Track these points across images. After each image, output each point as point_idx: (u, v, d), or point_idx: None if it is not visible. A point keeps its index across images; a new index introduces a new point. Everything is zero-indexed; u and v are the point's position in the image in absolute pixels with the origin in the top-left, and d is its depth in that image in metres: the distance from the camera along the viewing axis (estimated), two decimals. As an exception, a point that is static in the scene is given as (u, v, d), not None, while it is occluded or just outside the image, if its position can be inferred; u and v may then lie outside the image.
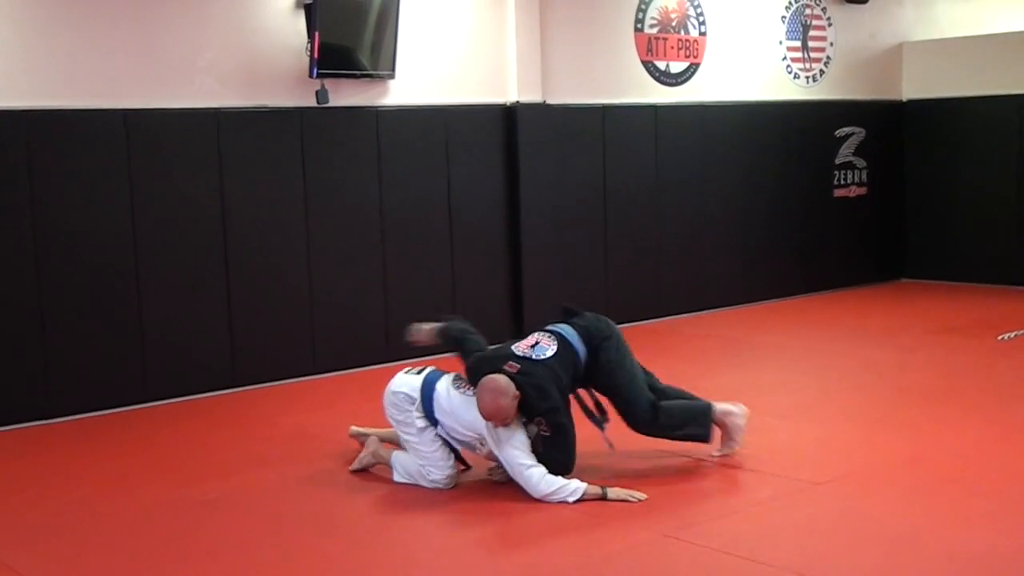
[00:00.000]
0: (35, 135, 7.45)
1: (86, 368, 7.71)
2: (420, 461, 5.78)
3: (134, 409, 7.83)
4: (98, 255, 7.73)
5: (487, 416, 5.46)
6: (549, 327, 5.90)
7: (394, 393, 5.84)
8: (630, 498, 5.47)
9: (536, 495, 5.47)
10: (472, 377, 5.69)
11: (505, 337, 6.81)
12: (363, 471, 6.06)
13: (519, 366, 5.60)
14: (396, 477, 5.88)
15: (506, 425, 5.49)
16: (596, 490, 5.49)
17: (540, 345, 5.74)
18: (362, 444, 6.20)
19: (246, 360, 8.39)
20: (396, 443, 6.08)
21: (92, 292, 7.71)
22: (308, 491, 5.84)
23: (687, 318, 10.97)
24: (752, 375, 8.42)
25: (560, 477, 5.51)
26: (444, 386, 5.75)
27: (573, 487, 5.46)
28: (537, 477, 5.46)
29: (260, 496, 5.78)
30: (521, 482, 5.51)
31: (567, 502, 5.42)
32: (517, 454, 5.50)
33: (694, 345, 9.74)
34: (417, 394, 5.76)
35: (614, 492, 5.50)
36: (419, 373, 5.88)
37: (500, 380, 5.47)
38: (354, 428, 6.40)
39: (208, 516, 5.51)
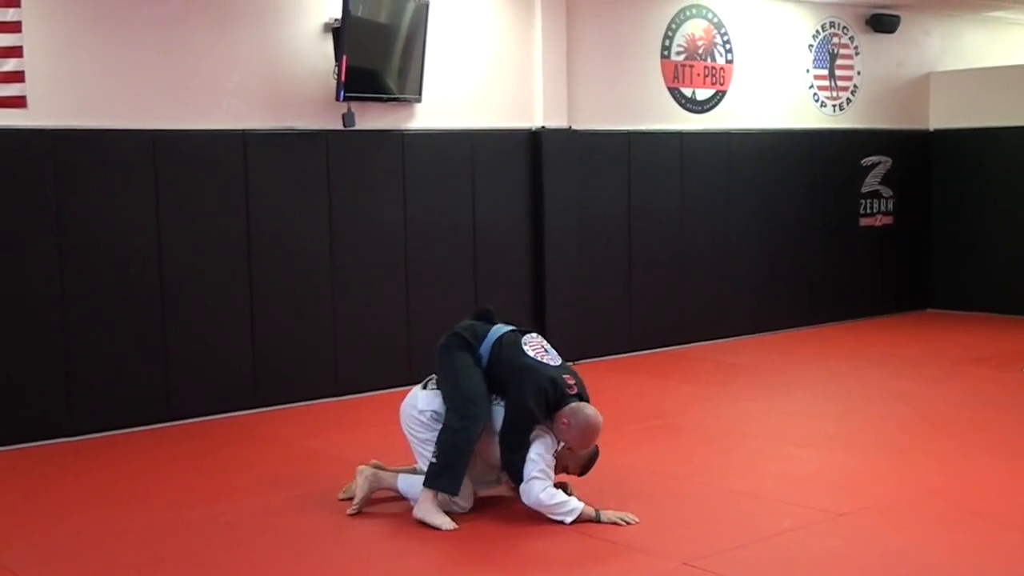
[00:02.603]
0: (64, 154, 7.51)
1: (109, 386, 7.74)
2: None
3: (156, 428, 7.85)
4: (124, 274, 7.77)
5: (582, 446, 5.55)
6: (523, 333, 5.97)
7: (421, 412, 5.73)
8: (621, 521, 5.48)
9: (530, 501, 5.48)
10: (527, 391, 5.54)
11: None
12: (363, 506, 5.77)
13: (573, 382, 5.69)
14: (412, 501, 5.70)
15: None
16: (590, 512, 5.50)
17: (550, 354, 5.84)
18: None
19: (268, 381, 8.41)
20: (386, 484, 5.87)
21: (116, 310, 7.75)
22: (323, 515, 5.81)
23: (710, 345, 10.93)
24: (775, 403, 8.37)
25: (561, 492, 5.52)
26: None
27: (571, 506, 5.47)
28: (539, 487, 5.47)
29: (276, 519, 5.76)
30: (523, 484, 5.50)
31: (564, 522, 5.44)
32: (538, 460, 5.50)
33: (717, 372, 9.70)
34: (444, 411, 5.67)
35: (607, 515, 5.51)
36: (436, 388, 5.80)
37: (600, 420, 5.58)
38: (345, 491, 6.08)
39: (223, 538, 5.50)
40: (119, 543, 5.46)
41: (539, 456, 5.53)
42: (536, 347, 5.84)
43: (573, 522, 5.43)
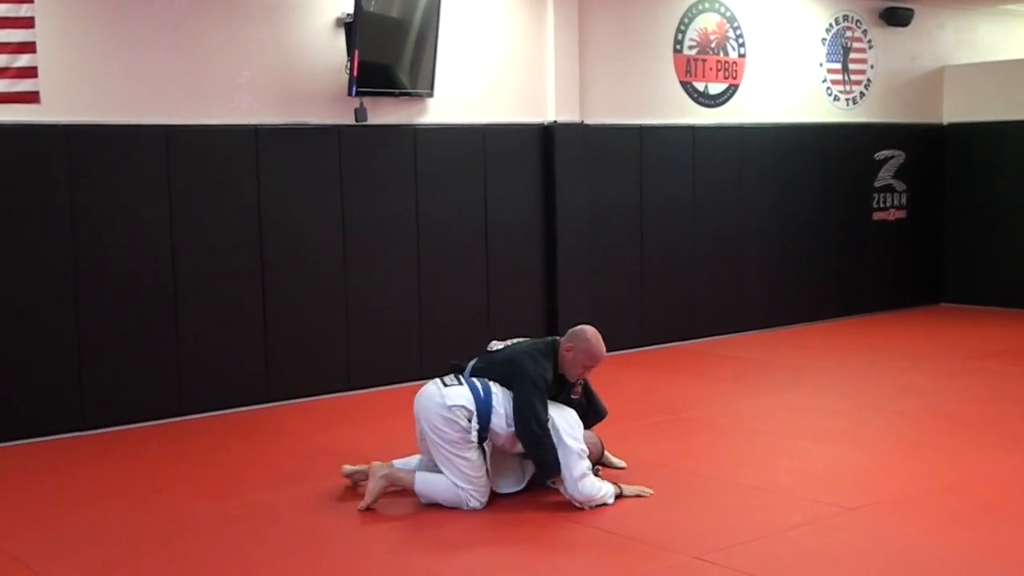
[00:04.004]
0: (77, 150, 7.53)
1: (121, 380, 7.76)
2: (464, 485, 5.63)
3: (168, 423, 7.88)
4: (136, 269, 7.80)
5: (594, 359, 5.80)
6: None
7: (450, 408, 5.59)
8: (642, 493, 5.76)
9: (582, 498, 5.57)
10: (518, 361, 5.74)
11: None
12: (374, 504, 5.74)
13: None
14: (424, 500, 5.74)
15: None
16: (617, 489, 5.73)
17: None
18: (355, 484, 6.01)
19: (280, 375, 8.43)
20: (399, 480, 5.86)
21: (129, 305, 7.78)
22: (334, 510, 5.83)
23: (722, 340, 10.92)
24: (787, 398, 8.36)
25: (598, 480, 5.66)
26: (495, 386, 5.72)
27: (607, 489, 5.66)
28: (589, 484, 5.60)
29: (287, 514, 5.78)
30: (573, 484, 5.57)
31: (607, 503, 5.61)
32: (572, 444, 5.62)
33: (729, 367, 9.69)
34: (474, 406, 5.61)
35: (628, 489, 5.78)
36: (459, 382, 5.71)
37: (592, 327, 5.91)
38: (347, 467, 6.13)
39: (235, 532, 5.52)
40: (131, 536, 5.48)
41: (572, 439, 5.63)
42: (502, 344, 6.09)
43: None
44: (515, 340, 6.13)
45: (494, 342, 6.18)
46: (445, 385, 5.69)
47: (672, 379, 9.23)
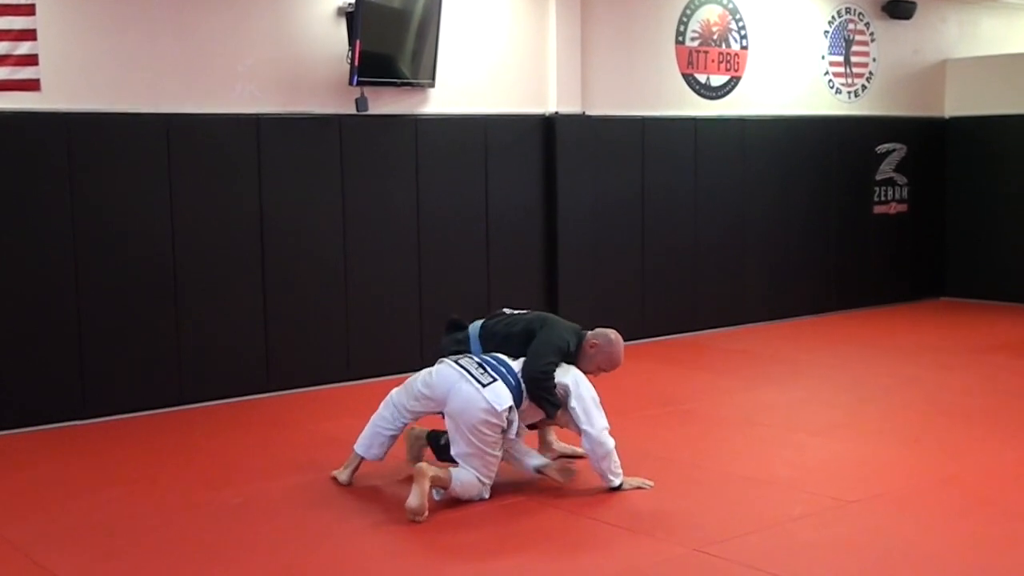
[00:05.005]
0: (77, 138, 7.52)
1: (122, 369, 7.77)
2: (486, 481, 5.58)
3: (168, 412, 7.88)
4: (136, 257, 7.79)
5: (612, 363, 5.91)
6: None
7: (500, 414, 5.46)
8: (643, 485, 5.80)
9: (598, 440, 5.68)
10: (558, 330, 5.86)
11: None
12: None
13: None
14: (450, 496, 5.60)
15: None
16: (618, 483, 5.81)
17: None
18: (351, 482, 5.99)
19: (281, 365, 8.43)
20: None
21: (130, 293, 7.77)
22: (334, 498, 5.84)
23: (723, 332, 10.92)
24: (787, 390, 8.36)
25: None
26: (516, 364, 5.71)
27: (620, 469, 5.77)
28: (603, 425, 5.72)
29: (285, 503, 5.78)
30: (597, 435, 5.68)
31: (613, 483, 5.73)
32: (591, 401, 5.75)
33: (729, 360, 9.69)
34: (512, 400, 5.54)
35: (628, 481, 5.81)
36: (492, 376, 5.54)
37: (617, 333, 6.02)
38: (339, 473, 6.08)
39: (233, 521, 5.52)
40: (129, 524, 5.48)
41: (591, 393, 5.77)
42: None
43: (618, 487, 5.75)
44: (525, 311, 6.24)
45: (506, 309, 6.30)
46: (483, 385, 5.51)
47: (672, 371, 9.23)
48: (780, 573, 4.66)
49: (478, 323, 6.16)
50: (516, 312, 6.21)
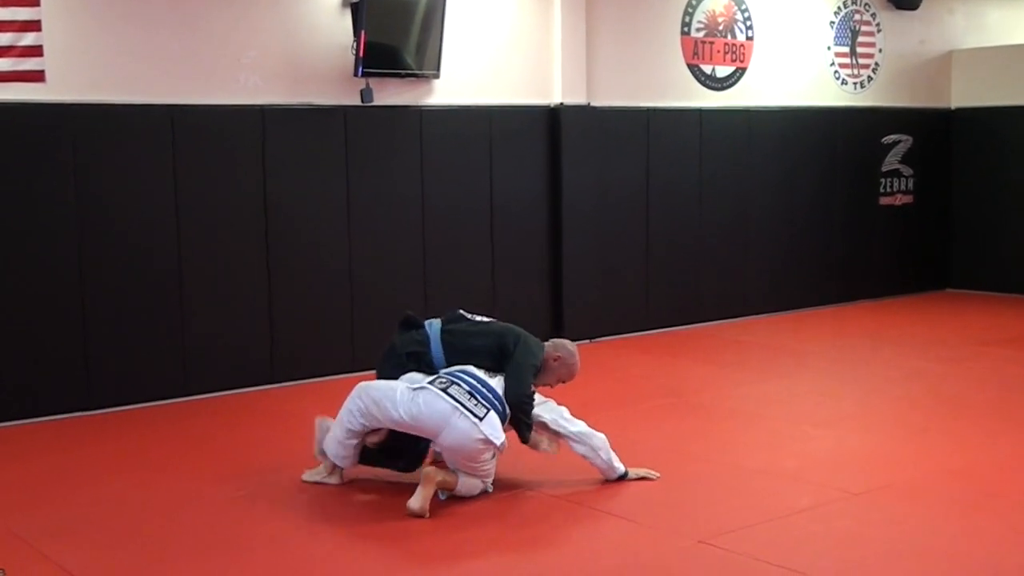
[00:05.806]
0: (82, 129, 7.52)
1: (126, 360, 7.77)
2: (487, 480, 5.60)
3: (173, 403, 7.89)
4: (141, 248, 7.79)
5: (569, 376, 5.87)
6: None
7: (501, 445, 5.47)
8: (648, 476, 5.81)
9: (592, 435, 5.72)
10: (532, 346, 5.80)
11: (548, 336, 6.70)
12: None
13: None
14: (443, 496, 5.59)
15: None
16: (623, 471, 5.81)
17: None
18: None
19: (286, 356, 8.43)
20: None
21: (134, 284, 7.77)
22: (338, 490, 5.83)
23: (728, 324, 10.90)
24: (793, 382, 8.35)
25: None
26: (496, 382, 5.63)
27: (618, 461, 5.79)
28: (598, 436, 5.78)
29: (289, 495, 5.78)
30: (583, 426, 5.75)
31: (617, 470, 5.72)
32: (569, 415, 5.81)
33: (734, 351, 9.67)
34: (501, 433, 5.51)
35: (633, 471, 5.80)
36: (480, 403, 5.45)
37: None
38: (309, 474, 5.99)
39: (238, 512, 5.53)
40: (134, 515, 5.49)
41: (562, 408, 5.79)
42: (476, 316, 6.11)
43: (621, 477, 5.77)
44: (482, 317, 6.12)
45: (461, 311, 6.12)
46: (479, 418, 5.38)
47: (677, 362, 9.22)
48: (785, 565, 4.65)
49: (436, 323, 5.97)
50: (477, 319, 6.03)
